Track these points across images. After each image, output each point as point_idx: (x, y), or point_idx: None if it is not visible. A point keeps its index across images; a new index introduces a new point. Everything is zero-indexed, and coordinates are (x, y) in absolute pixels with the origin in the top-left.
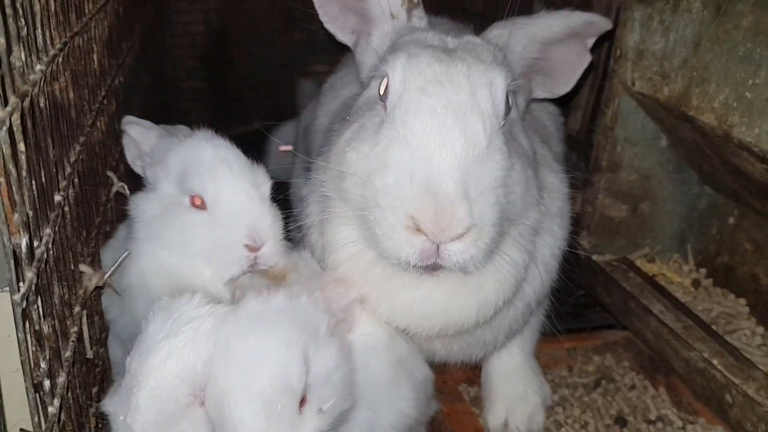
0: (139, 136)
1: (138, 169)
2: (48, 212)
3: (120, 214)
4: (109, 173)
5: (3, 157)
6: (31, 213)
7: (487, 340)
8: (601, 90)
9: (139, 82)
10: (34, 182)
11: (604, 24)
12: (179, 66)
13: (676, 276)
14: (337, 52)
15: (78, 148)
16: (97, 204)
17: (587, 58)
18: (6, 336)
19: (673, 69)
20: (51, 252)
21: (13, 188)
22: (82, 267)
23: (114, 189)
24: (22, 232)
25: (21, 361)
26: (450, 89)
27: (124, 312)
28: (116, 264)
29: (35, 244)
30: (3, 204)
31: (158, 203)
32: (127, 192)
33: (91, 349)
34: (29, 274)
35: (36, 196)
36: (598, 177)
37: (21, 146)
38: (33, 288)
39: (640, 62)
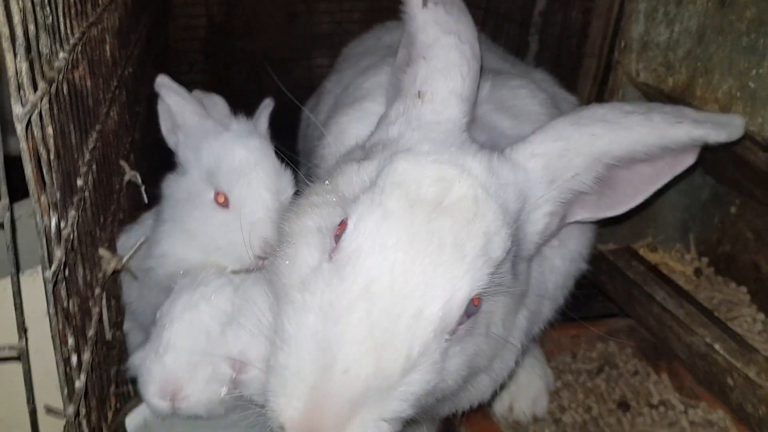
0: (176, 106)
1: (171, 144)
2: (72, 196)
3: (132, 202)
4: (122, 162)
5: (33, 140)
6: (58, 195)
7: None
8: (604, 81)
9: (146, 75)
10: (60, 166)
11: (718, 137)
12: (182, 59)
13: (678, 265)
14: (338, 46)
15: (95, 135)
16: (111, 191)
17: (677, 169)
18: (35, 314)
19: (678, 60)
20: (75, 234)
21: (43, 170)
22: (101, 251)
23: (126, 178)
24: (51, 213)
25: (51, 335)
26: (395, 300)
27: (142, 296)
28: (134, 248)
29: (62, 225)
30: (35, 185)
31: (185, 189)
32: (139, 181)
33: (109, 330)
34: (58, 253)
35: (62, 180)
36: None
37: (49, 130)
38: (61, 267)
39: (645, 53)
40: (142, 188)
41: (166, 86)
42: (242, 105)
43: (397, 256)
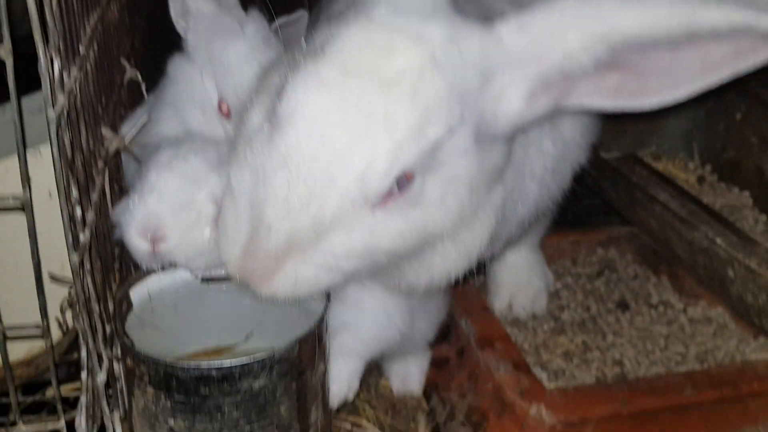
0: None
1: (179, 29)
2: (74, 57)
3: (133, 101)
4: (123, 60)
5: None
6: (60, 43)
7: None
8: None
9: None
10: (61, 17)
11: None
12: None
13: (681, 173)
14: None
15: (96, 15)
16: (113, 83)
17: (740, 62)
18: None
19: None
20: (77, 92)
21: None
22: (104, 130)
23: (127, 75)
24: (54, 54)
25: (56, 178)
26: (310, 168)
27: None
28: (136, 128)
29: (65, 76)
30: (37, 21)
31: (190, 78)
32: (140, 79)
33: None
34: (61, 98)
35: (65, 33)
36: None
37: None
38: (64, 112)
39: None
40: (143, 85)
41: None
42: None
43: (321, 126)
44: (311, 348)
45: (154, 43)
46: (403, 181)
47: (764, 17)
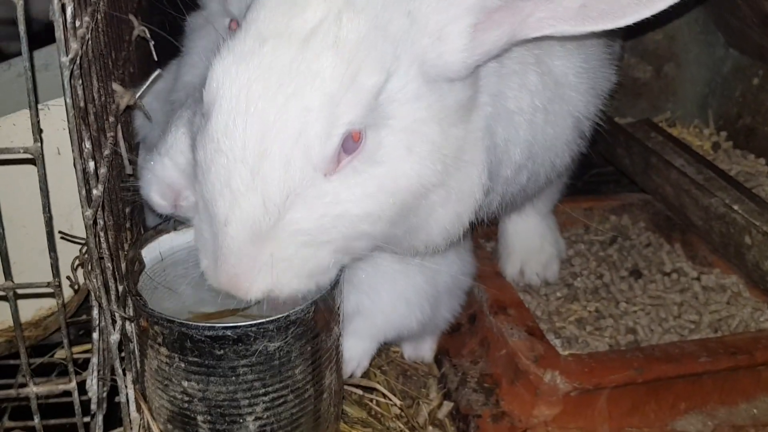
0: None
1: None
2: (86, 5)
3: (141, 59)
4: (131, 17)
5: None
6: None
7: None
8: None
9: None
10: None
11: None
12: None
13: (695, 140)
14: None
15: None
16: (121, 39)
17: None
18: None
19: None
20: (88, 38)
21: None
22: (115, 86)
23: (135, 32)
24: (67, 2)
25: (69, 129)
26: (243, 147)
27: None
28: (147, 84)
29: (77, 22)
30: None
31: (203, 19)
32: (148, 35)
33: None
34: (74, 45)
35: None
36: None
37: None
38: (77, 60)
39: None
40: (151, 43)
41: None
42: None
43: (245, 100)
44: (326, 310)
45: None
46: (350, 143)
47: None
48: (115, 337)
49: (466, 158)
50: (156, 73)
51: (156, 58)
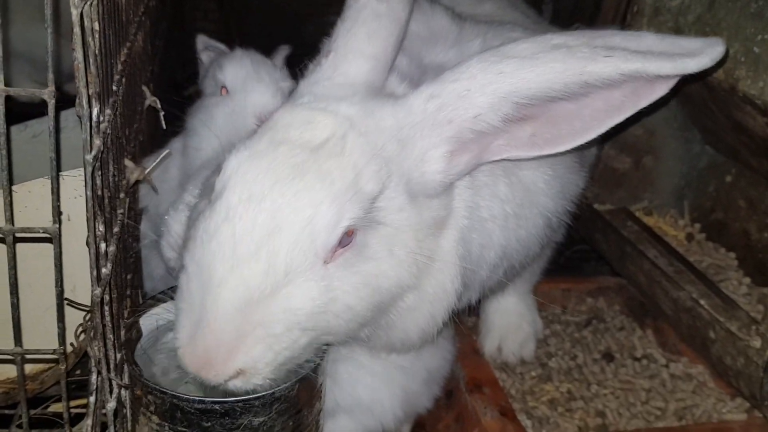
0: (204, 56)
1: (200, 84)
2: (108, 97)
3: (150, 129)
4: (144, 87)
5: (84, 28)
6: (99, 90)
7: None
8: None
9: (166, 12)
10: (102, 62)
11: (660, 69)
12: (197, 6)
13: (671, 229)
14: None
15: (125, 51)
16: (135, 111)
17: (640, 101)
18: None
19: (687, 25)
20: (109, 132)
21: (90, 60)
22: (126, 161)
23: (147, 102)
24: (93, 102)
25: (87, 218)
26: (254, 220)
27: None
28: (157, 161)
29: (101, 118)
30: (84, 70)
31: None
32: (158, 106)
33: (129, 240)
34: (97, 141)
35: (102, 76)
36: None
37: (96, 25)
38: (99, 154)
39: (656, 18)
40: (161, 114)
41: (203, 40)
42: None
43: (259, 186)
44: (309, 388)
45: (171, 65)
46: (345, 238)
47: (650, 63)
48: (111, 405)
49: (437, 266)
50: (165, 152)
51: (164, 127)
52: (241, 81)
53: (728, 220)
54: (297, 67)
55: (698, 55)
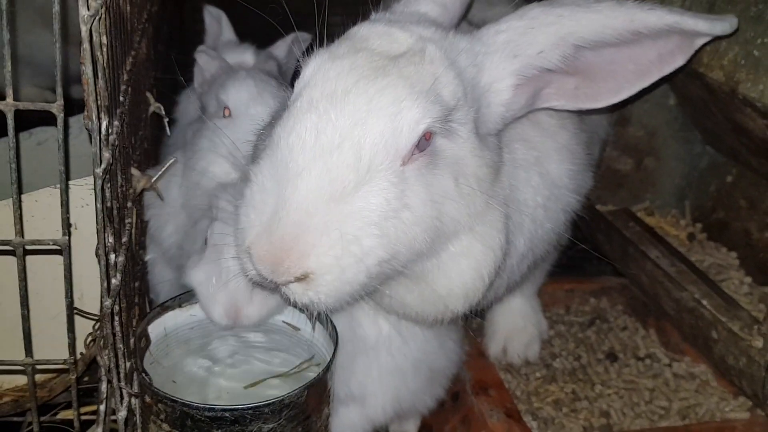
0: (205, 64)
1: (198, 95)
2: (116, 108)
3: (153, 134)
4: (147, 94)
5: (93, 43)
6: (107, 103)
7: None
8: None
9: (166, 15)
10: (109, 76)
11: (696, 25)
12: (198, 7)
13: (672, 229)
14: (354, 5)
15: (130, 59)
16: (140, 118)
17: (664, 68)
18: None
19: None
20: (117, 143)
21: (99, 74)
22: (133, 170)
23: (151, 109)
24: (102, 115)
25: (97, 230)
26: (338, 111)
27: (177, 228)
28: (163, 170)
29: (110, 130)
30: (93, 85)
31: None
32: (163, 112)
33: (136, 248)
34: (106, 154)
35: (110, 89)
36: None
37: (104, 39)
38: (108, 167)
39: None
40: (165, 120)
41: (202, 51)
42: None
43: (343, 83)
44: (318, 394)
45: (173, 69)
46: (423, 141)
47: (687, 18)
48: (122, 414)
49: (492, 213)
50: (172, 160)
51: (168, 133)
52: (244, 105)
53: (729, 219)
54: None
55: (721, 21)
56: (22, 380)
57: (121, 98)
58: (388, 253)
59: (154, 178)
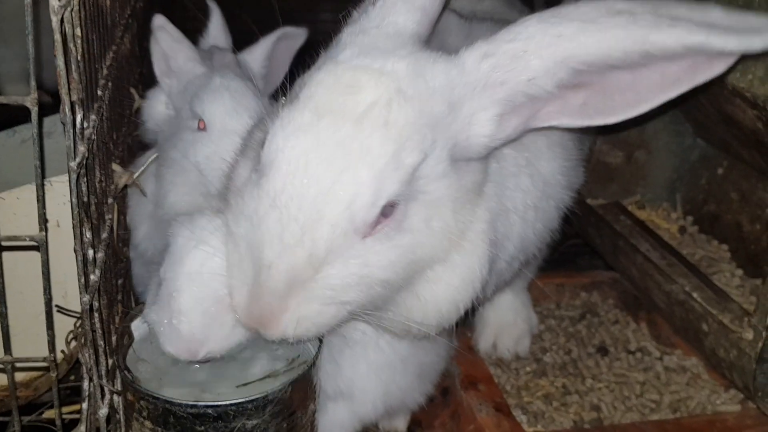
0: (169, 50)
1: (164, 87)
2: (92, 102)
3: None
4: (132, 90)
5: (65, 34)
6: (83, 94)
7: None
8: None
9: (154, 13)
10: (84, 68)
11: (726, 44)
12: (185, 6)
13: (664, 222)
14: (345, 1)
15: (111, 54)
16: (123, 114)
17: (697, 77)
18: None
19: None
20: (94, 137)
21: (72, 67)
22: (114, 166)
23: (136, 105)
24: (77, 109)
25: (73, 225)
26: (299, 206)
27: (149, 236)
28: (145, 166)
29: (85, 124)
30: (65, 77)
31: (176, 126)
32: None
33: (119, 245)
34: (81, 148)
35: (86, 82)
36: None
37: (78, 31)
38: (84, 161)
39: None
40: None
41: (163, 27)
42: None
43: (302, 167)
44: (303, 390)
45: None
46: (387, 209)
47: (714, 37)
48: (103, 411)
49: (470, 239)
50: (153, 156)
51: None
52: (220, 119)
53: (720, 212)
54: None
55: (765, 32)
56: (4, 380)
57: (100, 92)
58: (361, 303)
59: (136, 174)
